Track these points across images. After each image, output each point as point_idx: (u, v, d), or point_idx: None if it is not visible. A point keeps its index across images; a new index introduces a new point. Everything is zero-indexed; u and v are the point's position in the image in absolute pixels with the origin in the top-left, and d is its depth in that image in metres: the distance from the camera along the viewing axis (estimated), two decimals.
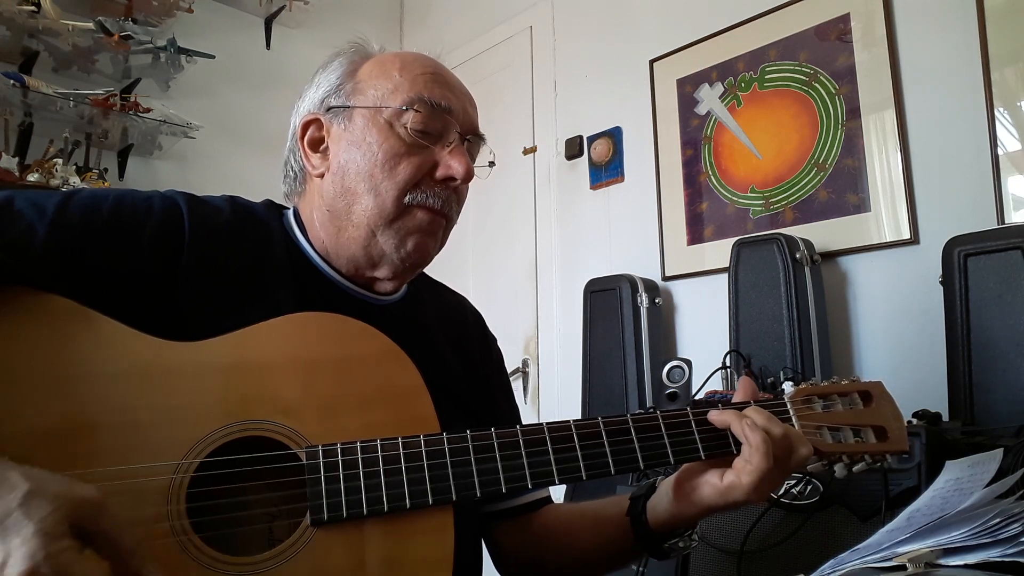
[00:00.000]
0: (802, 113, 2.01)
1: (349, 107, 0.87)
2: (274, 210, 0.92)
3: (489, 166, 0.96)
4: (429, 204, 0.85)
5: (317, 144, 0.90)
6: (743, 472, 0.75)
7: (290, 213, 0.93)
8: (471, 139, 0.90)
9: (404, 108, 0.84)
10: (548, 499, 1.01)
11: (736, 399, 0.85)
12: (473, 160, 0.92)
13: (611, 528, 0.91)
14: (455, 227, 0.92)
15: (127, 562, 0.54)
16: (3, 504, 0.50)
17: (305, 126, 0.90)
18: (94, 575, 0.51)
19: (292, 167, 0.93)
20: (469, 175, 0.87)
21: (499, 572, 0.99)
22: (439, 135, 0.86)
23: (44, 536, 0.49)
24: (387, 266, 0.87)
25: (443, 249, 0.93)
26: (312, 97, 0.91)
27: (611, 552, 0.93)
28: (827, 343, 1.79)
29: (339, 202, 0.86)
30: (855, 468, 0.81)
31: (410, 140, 0.84)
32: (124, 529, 0.55)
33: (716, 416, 0.79)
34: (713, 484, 0.79)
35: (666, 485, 0.86)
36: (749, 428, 0.76)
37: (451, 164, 0.85)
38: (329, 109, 0.88)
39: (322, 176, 0.88)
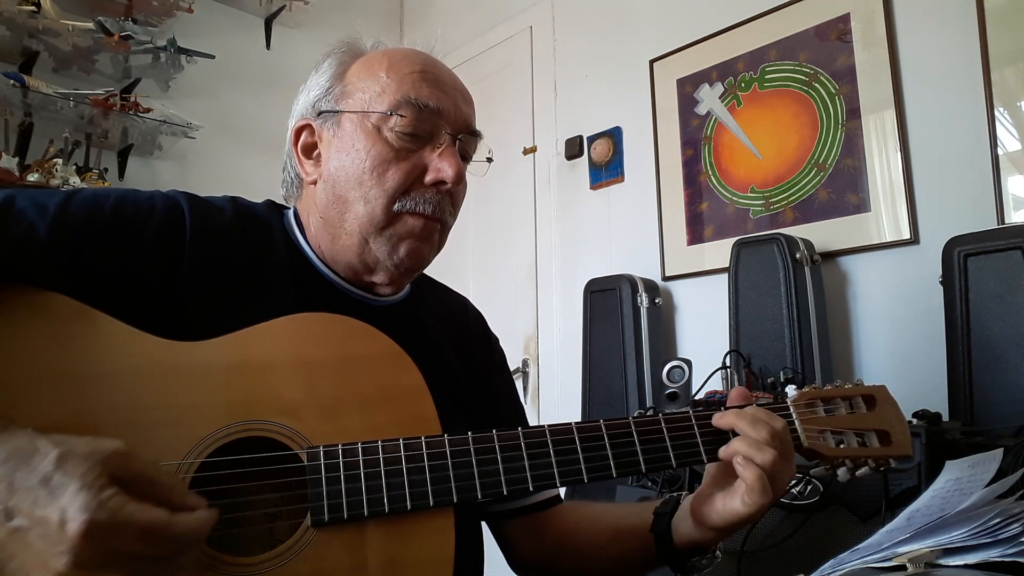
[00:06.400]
0: (802, 113, 2.01)
1: (338, 112, 0.86)
2: (275, 211, 0.92)
3: (487, 161, 0.94)
4: (420, 210, 0.83)
5: (310, 150, 0.89)
6: (743, 504, 0.75)
7: (290, 214, 0.92)
8: (464, 137, 0.87)
9: (390, 113, 0.83)
10: (557, 497, 1.00)
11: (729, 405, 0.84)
12: (470, 157, 0.91)
13: (634, 541, 0.90)
14: (455, 227, 0.91)
15: (169, 497, 0.56)
16: (41, 470, 0.52)
17: (298, 131, 0.89)
18: (145, 512, 0.53)
19: (289, 172, 0.93)
20: (459, 178, 0.84)
21: (514, 571, 0.99)
22: (428, 137, 0.84)
23: (89, 489, 0.51)
24: (382, 272, 0.87)
25: (443, 249, 0.92)
26: (304, 101, 0.90)
27: (632, 564, 0.92)
28: (827, 343, 1.79)
29: (332, 210, 0.85)
30: (858, 472, 0.81)
31: (398, 145, 0.83)
32: (157, 468, 0.58)
33: (719, 420, 0.78)
34: (717, 511, 0.78)
35: (687, 504, 0.85)
36: (742, 466, 0.74)
37: (440, 167, 0.83)
38: (320, 114, 0.87)
39: (315, 183, 0.87)
